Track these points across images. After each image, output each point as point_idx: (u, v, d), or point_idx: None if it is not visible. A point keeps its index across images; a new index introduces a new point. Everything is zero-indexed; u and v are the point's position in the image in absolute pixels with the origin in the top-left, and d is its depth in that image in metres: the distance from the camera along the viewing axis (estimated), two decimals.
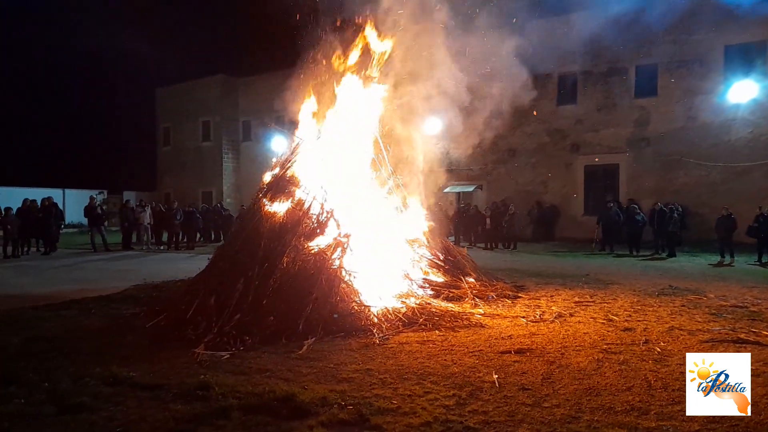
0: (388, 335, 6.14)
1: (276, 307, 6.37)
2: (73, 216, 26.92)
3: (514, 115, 20.32)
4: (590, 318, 7.07)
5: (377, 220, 8.46)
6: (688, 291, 9.10)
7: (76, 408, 3.94)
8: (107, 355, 5.32)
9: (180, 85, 33.11)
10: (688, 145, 18.94)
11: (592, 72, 20.86)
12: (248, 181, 28.58)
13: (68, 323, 6.82)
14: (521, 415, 3.86)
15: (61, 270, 12.92)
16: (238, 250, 7.36)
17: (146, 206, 19.45)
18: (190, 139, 32.82)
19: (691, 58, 18.91)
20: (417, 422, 3.71)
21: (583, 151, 21.26)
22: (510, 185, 22.53)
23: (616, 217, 17.07)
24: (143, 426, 3.67)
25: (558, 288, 9.49)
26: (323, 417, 3.78)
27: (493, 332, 6.34)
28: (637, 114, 20.12)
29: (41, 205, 16.99)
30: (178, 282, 9.68)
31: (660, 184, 19.35)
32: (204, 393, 4.22)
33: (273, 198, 7.90)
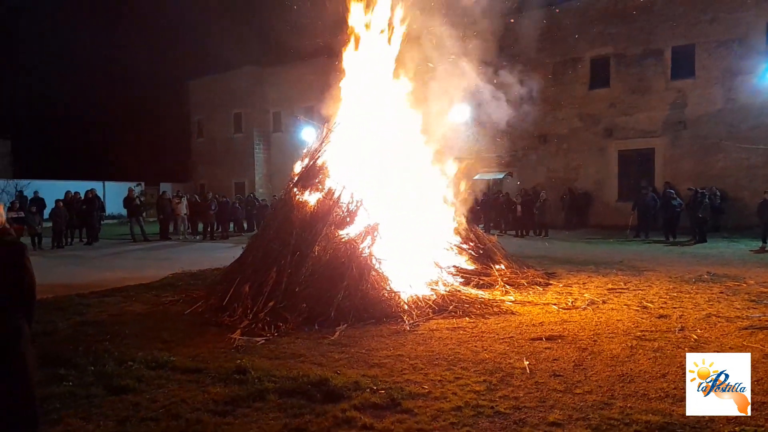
0: (419, 322, 6.20)
1: (308, 295, 6.51)
2: (113, 207, 27.81)
3: (544, 100, 20.08)
4: (624, 305, 6.98)
5: (408, 207, 8.49)
6: (727, 277, 8.86)
7: (121, 390, 4.15)
8: (149, 340, 5.56)
9: (211, 77, 33.64)
10: (727, 127, 18.29)
11: (625, 54, 20.28)
12: (279, 171, 28.92)
13: (112, 309, 7.12)
14: (552, 401, 3.87)
15: (104, 259, 13.41)
16: (271, 240, 7.52)
17: (183, 197, 19.94)
18: (223, 131, 33.39)
19: (731, 37, 18.17)
20: (448, 407, 3.77)
21: (617, 135, 20.75)
22: (541, 172, 22.20)
23: (653, 202, 16.66)
24: (184, 407, 3.84)
25: (590, 275, 9.37)
26: (356, 401, 3.87)
27: (524, 319, 6.34)
28: (673, 96, 19.49)
29: (84, 198, 17.64)
30: (214, 270, 9.94)
31: (698, 168, 18.77)
32: (241, 377, 4.37)
33: (304, 188, 8.02)
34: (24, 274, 2.81)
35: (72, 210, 16.76)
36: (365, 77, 9.13)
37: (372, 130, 8.81)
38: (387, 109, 9.04)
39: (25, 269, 2.82)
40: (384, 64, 9.15)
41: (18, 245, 2.90)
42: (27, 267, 2.84)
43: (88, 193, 17.78)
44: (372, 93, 9.06)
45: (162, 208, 19.48)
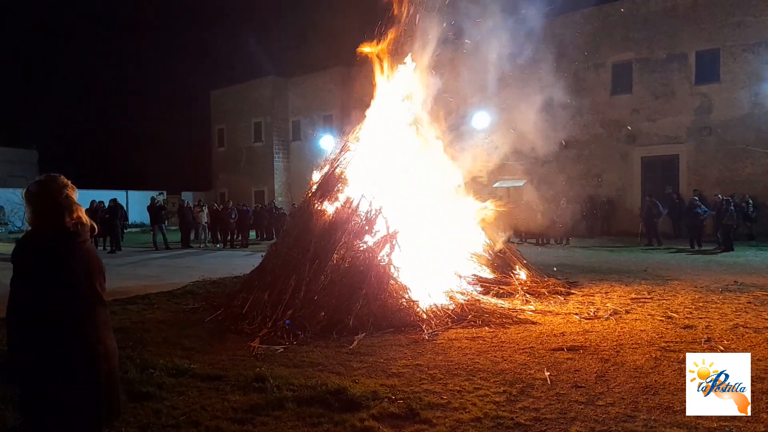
0: (437, 331, 6.16)
1: (327, 303, 6.52)
2: (135, 216, 28.32)
3: (565, 106, 19.89)
4: (648, 315, 6.84)
5: (427, 216, 8.47)
6: (755, 287, 8.62)
7: (143, 396, 4.19)
8: (170, 347, 5.62)
9: (232, 87, 34.20)
10: (754, 132, 17.90)
11: (648, 59, 20.01)
12: (298, 179, 29.19)
13: (134, 317, 7.23)
14: (574, 413, 3.80)
15: (127, 267, 13.64)
16: (290, 248, 7.56)
17: (204, 206, 20.21)
18: (243, 140, 33.86)
19: (758, 41, 17.81)
20: (467, 417, 3.73)
21: (640, 141, 20.45)
22: (562, 179, 21.96)
23: (655, 208, 16.44)
24: (204, 415, 3.86)
25: (613, 284, 9.21)
26: (374, 410, 3.85)
27: (544, 329, 6.25)
28: (698, 102, 19.16)
29: (108, 206, 17.99)
30: (234, 278, 10.04)
31: (724, 175, 18.38)
32: (260, 385, 4.39)
33: (322, 197, 8.06)
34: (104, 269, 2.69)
35: (96, 218, 17.08)
36: (385, 85, 9.16)
37: (390, 139, 8.81)
38: (405, 117, 9.04)
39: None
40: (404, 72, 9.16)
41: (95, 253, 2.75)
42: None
43: (111, 202, 18.13)
44: (391, 100, 9.07)
45: (183, 217, 19.77)
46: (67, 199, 2.59)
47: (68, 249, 2.51)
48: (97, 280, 2.61)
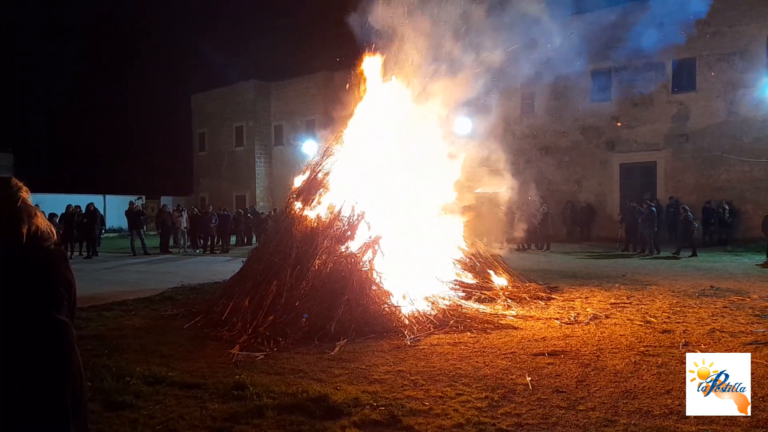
0: (419, 337, 6.15)
1: (308, 309, 6.46)
2: (113, 221, 27.84)
3: (546, 113, 20.12)
4: (627, 320, 6.91)
5: (409, 221, 8.46)
6: (731, 292, 8.79)
7: (119, 406, 4.09)
8: (148, 354, 5.51)
9: (214, 91, 33.90)
10: (729, 140, 18.32)
11: (627, 67, 20.37)
12: (280, 184, 29.03)
13: (111, 324, 7.07)
14: (555, 417, 3.81)
15: (104, 273, 13.38)
16: (272, 253, 7.49)
17: (183, 211, 19.95)
18: (225, 144, 33.56)
19: (732, 50, 18.27)
20: (449, 424, 3.72)
21: (619, 148, 20.78)
22: (542, 184, 22.19)
23: (639, 215, 16.68)
24: (182, 424, 3.78)
25: (593, 289, 9.31)
26: (356, 417, 3.82)
27: (525, 334, 6.28)
28: (675, 110, 19.56)
29: (86, 211, 17.65)
30: (214, 284, 9.90)
31: (701, 181, 18.77)
32: (240, 392, 4.32)
33: (304, 201, 8.01)
34: (70, 280, 2.37)
35: (73, 223, 16.75)
36: (367, 91, 9.16)
37: (373, 144, 8.80)
38: (388, 123, 9.04)
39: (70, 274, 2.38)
40: (386, 77, 9.18)
41: (60, 251, 2.44)
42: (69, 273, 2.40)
43: (89, 207, 17.80)
44: (373, 106, 9.07)
45: (162, 222, 19.48)
46: (25, 205, 2.23)
47: (34, 262, 2.20)
48: (61, 294, 2.28)
